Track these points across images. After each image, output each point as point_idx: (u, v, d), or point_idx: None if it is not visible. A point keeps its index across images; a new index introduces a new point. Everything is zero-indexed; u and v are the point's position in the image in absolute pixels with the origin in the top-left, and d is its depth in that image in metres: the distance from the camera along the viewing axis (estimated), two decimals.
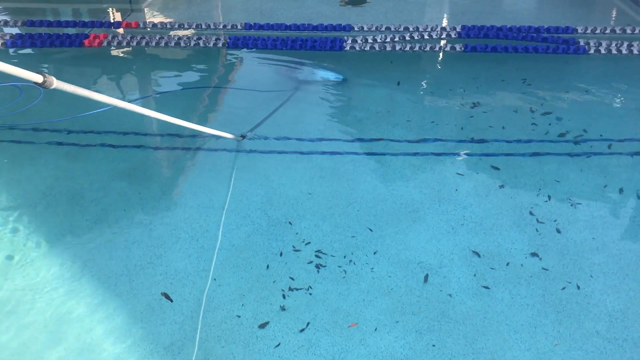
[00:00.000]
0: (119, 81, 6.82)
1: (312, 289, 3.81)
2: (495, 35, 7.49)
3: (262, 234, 4.28)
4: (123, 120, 5.82)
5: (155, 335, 3.50)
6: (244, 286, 3.83)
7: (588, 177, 4.89)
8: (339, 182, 4.84)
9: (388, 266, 3.99)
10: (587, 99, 6.20)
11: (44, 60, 7.25)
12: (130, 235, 4.28)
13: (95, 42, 7.40)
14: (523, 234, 4.28)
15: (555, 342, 3.45)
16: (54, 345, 3.43)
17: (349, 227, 4.34)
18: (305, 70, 6.47)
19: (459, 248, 4.15)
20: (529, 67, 6.89)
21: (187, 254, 4.10)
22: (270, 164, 5.08)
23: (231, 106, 6.23)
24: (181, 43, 7.41)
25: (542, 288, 3.81)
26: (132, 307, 3.69)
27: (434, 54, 7.33)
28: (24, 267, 4.00)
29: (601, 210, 4.53)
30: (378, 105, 6.08)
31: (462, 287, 3.83)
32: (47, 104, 6.00)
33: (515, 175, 4.92)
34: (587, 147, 5.29)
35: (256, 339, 3.48)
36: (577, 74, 6.80)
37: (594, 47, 7.14)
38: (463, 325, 3.56)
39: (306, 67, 6.39)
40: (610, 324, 3.56)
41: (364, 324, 3.57)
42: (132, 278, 3.90)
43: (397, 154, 5.21)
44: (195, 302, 3.71)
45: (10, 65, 2.56)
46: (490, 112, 5.90)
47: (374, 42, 7.36)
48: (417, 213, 4.49)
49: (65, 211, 4.52)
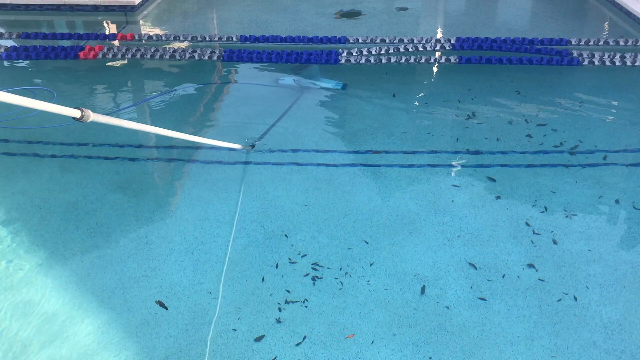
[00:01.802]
0: (114, 93, 6.81)
1: (308, 301, 3.79)
2: (490, 47, 7.54)
3: (258, 246, 4.26)
4: (117, 131, 5.81)
5: (150, 348, 3.47)
6: (240, 299, 3.80)
7: (583, 188, 4.90)
8: (335, 194, 4.83)
9: (384, 278, 3.97)
10: (581, 110, 6.22)
11: (39, 73, 7.24)
12: (124, 248, 4.25)
13: (90, 55, 7.40)
14: (519, 245, 4.27)
15: (552, 354, 3.43)
16: (47, 358, 3.40)
17: (345, 239, 4.33)
18: (306, 79, 6.55)
19: (455, 260, 4.14)
20: (523, 78, 6.92)
21: (182, 266, 4.07)
22: (265, 175, 5.07)
23: (233, 116, 6.23)
24: (176, 55, 7.42)
25: (538, 299, 3.80)
26: (127, 320, 3.65)
27: (428, 66, 7.36)
28: (18, 280, 3.96)
29: (597, 221, 4.54)
30: (373, 117, 6.09)
31: (458, 299, 3.81)
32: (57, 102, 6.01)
33: (511, 186, 4.93)
34: (583, 158, 5.31)
35: (252, 352, 3.45)
36: (571, 86, 6.84)
37: (587, 58, 7.19)
38: (460, 338, 3.54)
39: (306, 75, 6.50)
40: (607, 336, 3.55)
41: (361, 336, 3.55)
42: (127, 291, 3.87)
43: (392, 166, 5.21)
44: (190, 315, 3.68)
45: (48, 104, 2.72)
46: (485, 124, 5.91)
47: (369, 55, 7.39)
48: (413, 225, 4.48)
49: (60, 224, 4.50)
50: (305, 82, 6.44)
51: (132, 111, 6.35)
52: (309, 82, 6.42)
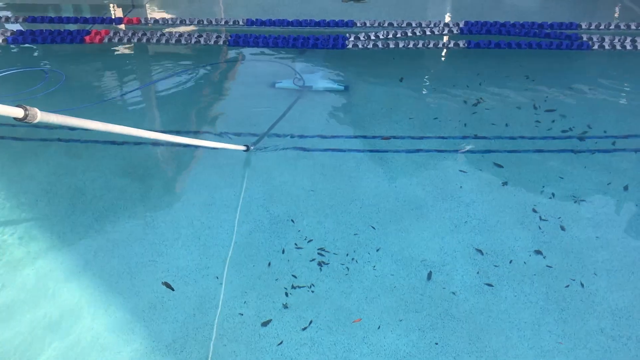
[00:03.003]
0: (120, 77, 6.79)
1: (315, 286, 3.79)
2: (499, 31, 7.46)
3: (264, 232, 4.26)
4: (124, 116, 5.81)
5: (157, 333, 3.48)
6: (246, 284, 3.81)
7: (592, 174, 4.87)
8: (341, 180, 4.81)
9: (391, 264, 3.97)
10: (591, 95, 6.16)
11: (46, 56, 7.23)
12: (132, 233, 4.26)
13: (96, 39, 7.38)
14: (527, 231, 4.25)
15: (559, 340, 3.42)
16: (55, 342, 3.42)
17: (352, 224, 4.32)
18: (307, 79, 6.33)
19: (462, 245, 4.13)
20: (532, 63, 6.86)
21: (189, 251, 4.08)
22: (272, 161, 5.06)
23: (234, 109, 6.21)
24: (182, 40, 7.38)
25: (545, 286, 3.79)
26: (134, 305, 3.67)
27: (437, 51, 7.30)
28: (25, 264, 3.98)
29: (605, 207, 4.51)
30: (380, 102, 6.05)
31: (465, 285, 3.81)
32: (67, 91, 6.22)
33: (519, 172, 4.90)
34: (591, 143, 5.26)
35: (259, 336, 3.46)
36: (580, 70, 6.77)
37: (597, 42, 7.11)
38: (466, 323, 3.54)
39: (308, 75, 6.29)
40: (615, 322, 3.54)
41: (367, 322, 3.55)
42: (134, 275, 3.88)
43: (399, 151, 5.19)
44: (198, 300, 3.69)
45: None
46: (494, 109, 5.87)
47: (377, 39, 7.33)
48: (419, 210, 4.47)
49: (67, 208, 4.51)
50: (305, 82, 6.24)
51: (137, 95, 6.34)
52: (309, 83, 6.21)
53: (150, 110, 6.16)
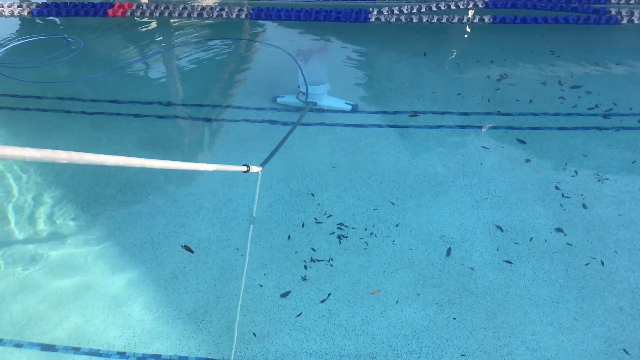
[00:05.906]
0: (141, 49, 6.82)
1: (334, 260, 3.82)
2: (524, 5, 7.30)
3: (285, 205, 4.29)
4: (147, 90, 5.85)
5: (178, 302, 3.56)
6: (266, 256, 3.86)
7: (616, 152, 4.79)
8: (362, 155, 4.81)
9: (410, 239, 3.98)
10: (618, 71, 6.03)
11: (68, 29, 7.28)
12: (154, 205, 4.32)
13: (119, 12, 7.40)
14: (548, 208, 4.22)
15: (577, 317, 3.42)
16: (80, 310, 3.51)
17: (371, 199, 4.33)
18: (312, 91, 5.39)
19: (482, 222, 4.12)
20: (558, 38, 6.72)
21: (211, 223, 4.14)
22: (293, 136, 5.06)
23: (261, 74, 6.20)
24: (204, 14, 7.37)
25: (565, 263, 3.78)
26: (157, 275, 3.74)
27: (461, 25, 7.19)
28: (50, 234, 4.07)
29: (629, 185, 4.45)
30: (403, 77, 6.00)
31: (484, 261, 3.81)
32: (86, 58, 6.39)
33: (542, 149, 4.84)
34: (617, 121, 5.17)
35: (278, 308, 3.52)
36: (608, 46, 6.62)
37: (626, 16, 6.93)
38: (484, 299, 3.55)
39: (313, 88, 5.49)
40: (634, 301, 3.52)
41: (385, 295, 3.58)
42: (156, 247, 3.95)
43: (421, 127, 5.16)
44: (219, 271, 3.75)
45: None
46: (518, 85, 5.78)
47: (400, 14, 7.24)
48: (440, 186, 4.46)
49: (90, 180, 4.58)
50: (309, 97, 5.41)
51: (158, 59, 6.42)
52: (313, 99, 5.42)
53: (171, 79, 6.19)
